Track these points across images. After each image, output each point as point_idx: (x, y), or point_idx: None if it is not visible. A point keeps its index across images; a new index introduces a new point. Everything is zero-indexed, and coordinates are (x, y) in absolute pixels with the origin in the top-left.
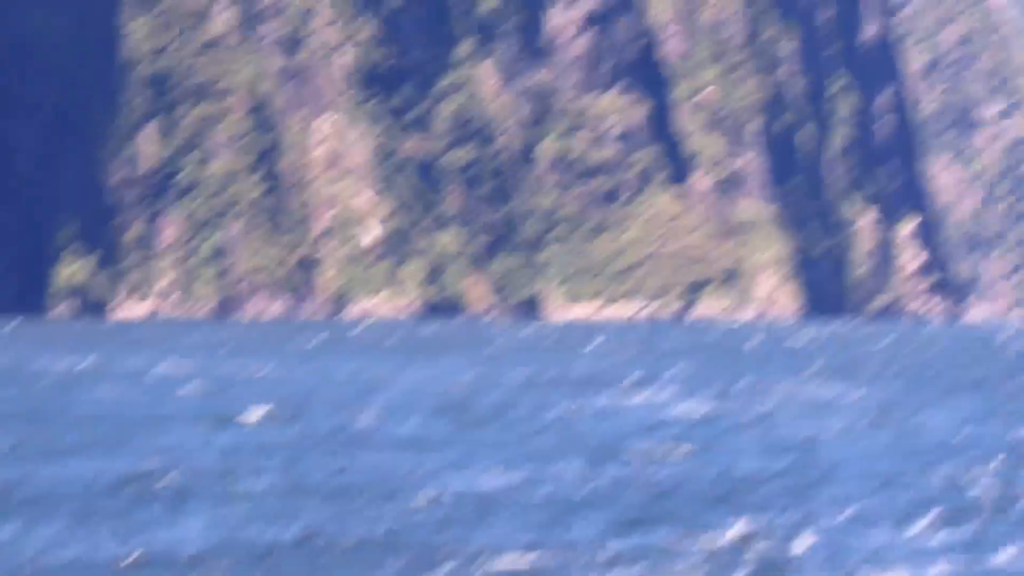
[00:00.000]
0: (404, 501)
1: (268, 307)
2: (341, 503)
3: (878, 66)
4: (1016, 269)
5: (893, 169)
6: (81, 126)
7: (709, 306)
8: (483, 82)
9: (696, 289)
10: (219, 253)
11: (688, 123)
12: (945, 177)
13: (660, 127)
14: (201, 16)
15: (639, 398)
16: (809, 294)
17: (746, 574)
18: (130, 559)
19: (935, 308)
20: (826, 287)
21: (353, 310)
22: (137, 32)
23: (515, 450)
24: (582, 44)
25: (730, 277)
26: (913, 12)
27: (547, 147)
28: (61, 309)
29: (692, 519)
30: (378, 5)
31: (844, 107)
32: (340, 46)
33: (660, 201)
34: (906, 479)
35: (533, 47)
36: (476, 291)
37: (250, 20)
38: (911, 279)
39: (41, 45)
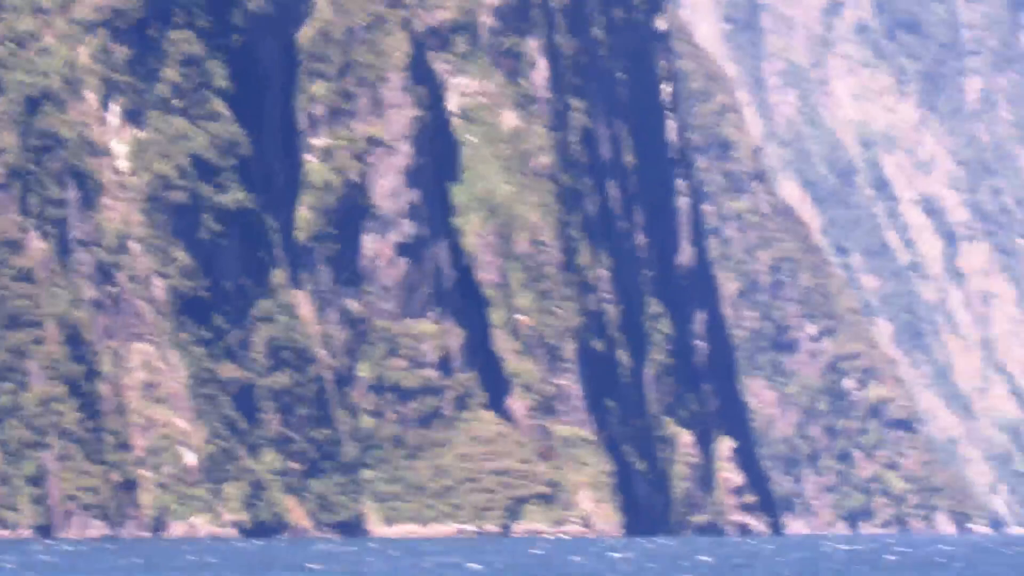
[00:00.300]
0: None
1: (88, 529)
2: None
3: (692, 290)
4: (835, 485)
5: (710, 390)
6: None
7: (530, 524)
8: (299, 309)
9: (517, 507)
10: (37, 478)
11: (504, 347)
12: (762, 397)
13: (477, 351)
14: (15, 245)
15: None
16: (630, 511)
17: None
18: None
19: (755, 524)
20: (647, 504)
21: (174, 531)
22: None
23: None
24: (397, 271)
25: (551, 495)
26: (726, 237)
27: (364, 372)
28: None
29: None
30: (191, 234)
31: (659, 330)
32: (153, 275)
33: (478, 423)
34: None
35: (348, 274)
36: (297, 512)
37: (64, 249)
38: (731, 496)
39: None
